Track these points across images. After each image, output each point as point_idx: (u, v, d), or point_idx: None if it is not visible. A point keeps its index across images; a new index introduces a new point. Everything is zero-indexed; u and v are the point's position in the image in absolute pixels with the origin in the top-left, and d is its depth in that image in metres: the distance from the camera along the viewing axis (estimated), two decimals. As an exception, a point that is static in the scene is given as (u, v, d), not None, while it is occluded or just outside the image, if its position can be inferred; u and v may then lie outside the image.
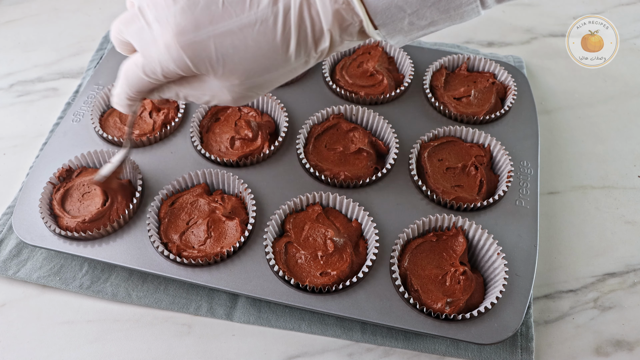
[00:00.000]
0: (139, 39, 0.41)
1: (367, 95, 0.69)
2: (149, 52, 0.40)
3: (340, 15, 0.38)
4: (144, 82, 0.43)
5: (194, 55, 0.39)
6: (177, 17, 0.38)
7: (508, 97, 0.70)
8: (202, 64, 0.40)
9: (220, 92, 0.42)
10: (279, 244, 0.56)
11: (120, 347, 0.54)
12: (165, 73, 0.41)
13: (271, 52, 0.40)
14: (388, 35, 0.40)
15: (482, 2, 0.37)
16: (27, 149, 0.69)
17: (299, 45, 0.39)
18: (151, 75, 0.42)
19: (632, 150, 0.72)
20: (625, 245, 0.63)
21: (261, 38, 0.39)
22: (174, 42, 0.39)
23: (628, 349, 0.56)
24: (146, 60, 0.41)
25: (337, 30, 0.39)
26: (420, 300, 0.53)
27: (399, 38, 0.40)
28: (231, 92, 0.42)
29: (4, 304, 0.57)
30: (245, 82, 0.41)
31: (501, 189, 0.61)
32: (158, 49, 0.40)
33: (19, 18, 0.87)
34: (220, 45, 0.39)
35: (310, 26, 0.39)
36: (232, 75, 0.41)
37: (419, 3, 0.37)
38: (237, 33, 0.39)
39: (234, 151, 0.64)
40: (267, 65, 0.40)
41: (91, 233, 0.56)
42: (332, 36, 0.39)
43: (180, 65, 0.40)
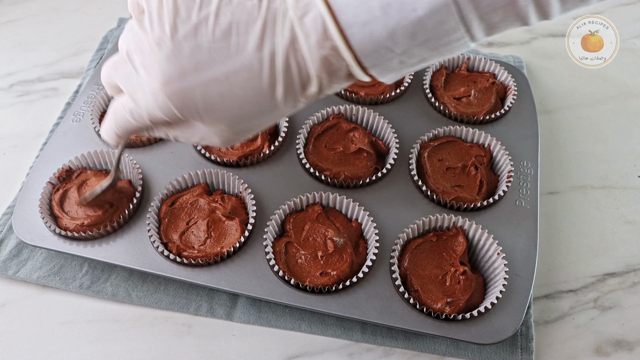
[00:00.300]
0: (126, 84, 0.41)
1: (367, 95, 0.69)
2: (137, 98, 0.41)
3: (327, 61, 0.37)
4: (131, 124, 0.43)
5: (180, 103, 0.39)
6: (162, 65, 0.38)
7: (508, 97, 0.70)
8: (188, 112, 0.40)
9: (209, 135, 0.42)
10: (279, 244, 0.56)
11: (120, 347, 0.54)
12: (152, 119, 0.41)
13: (258, 99, 0.39)
14: (379, 75, 0.39)
15: (472, 36, 0.37)
16: (27, 149, 0.69)
17: (287, 91, 0.39)
18: (139, 120, 0.42)
19: (632, 150, 0.72)
20: (625, 245, 0.63)
21: (247, 85, 0.38)
22: (160, 90, 0.38)
23: (628, 349, 0.56)
24: (134, 105, 0.41)
25: (325, 75, 0.38)
26: (420, 300, 0.53)
27: (391, 76, 0.40)
28: (219, 136, 0.42)
29: (4, 304, 0.57)
30: (232, 127, 0.41)
31: (501, 189, 0.61)
32: (145, 96, 0.40)
33: (19, 18, 0.87)
34: (206, 93, 0.39)
35: (297, 72, 0.38)
36: (219, 122, 0.41)
37: (408, 43, 0.36)
38: (223, 80, 0.38)
39: (234, 151, 0.64)
40: (254, 111, 0.40)
41: (91, 233, 0.56)
42: (320, 81, 0.39)
43: (167, 113, 0.40)
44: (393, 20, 0.35)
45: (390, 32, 0.35)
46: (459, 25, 0.35)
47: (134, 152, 0.64)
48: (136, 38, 0.39)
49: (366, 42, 0.36)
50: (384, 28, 0.35)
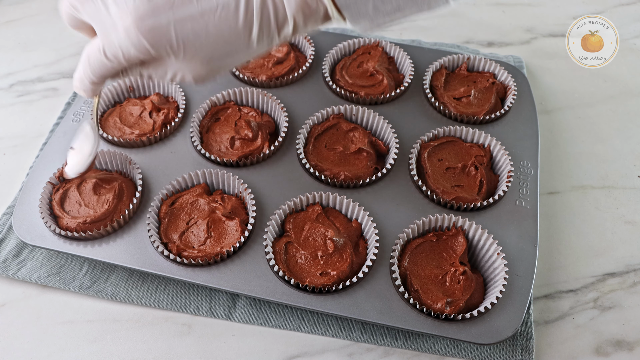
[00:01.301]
0: (97, 22, 0.40)
1: (367, 95, 0.69)
2: (109, 36, 0.40)
3: (305, 3, 0.38)
4: (106, 66, 0.42)
5: (154, 40, 0.38)
6: (136, 1, 0.37)
7: (508, 97, 0.70)
8: (162, 49, 0.39)
9: (182, 72, 0.42)
10: (279, 244, 0.56)
11: (120, 347, 0.54)
12: (126, 58, 0.40)
13: (233, 38, 0.39)
14: (353, 20, 0.39)
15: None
16: (27, 149, 0.69)
17: (262, 30, 0.39)
18: (113, 60, 0.41)
19: (632, 150, 0.72)
20: (625, 245, 0.63)
21: (222, 24, 0.38)
22: (134, 28, 0.38)
23: (628, 349, 0.56)
24: (107, 45, 0.40)
25: (301, 16, 0.39)
26: (420, 300, 0.53)
27: (364, 23, 0.39)
28: (192, 72, 0.42)
29: (4, 304, 0.57)
30: (206, 65, 0.41)
31: (501, 189, 0.61)
32: (118, 34, 0.39)
33: (19, 18, 0.87)
34: (180, 31, 0.38)
35: (274, 12, 0.38)
36: (192, 59, 0.40)
37: None
38: (198, 18, 0.38)
39: (234, 151, 0.64)
40: (228, 50, 0.40)
41: (91, 233, 0.56)
42: (295, 22, 0.39)
43: (141, 50, 0.39)
44: None
45: None
46: None
47: (134, 152, 0.64)
48: None
49: None
50: None
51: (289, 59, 0.72)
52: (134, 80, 0.69)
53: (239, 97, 0.69)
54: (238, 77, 0.71)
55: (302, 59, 0.74)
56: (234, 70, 0.71)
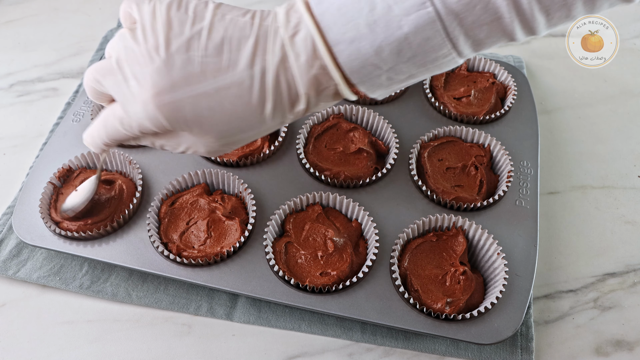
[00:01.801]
0: (117, 93, 0.41)
1: (367, 95, 0.69)
2: (127, 108, 0.41)
3: (317, 80, 0.38)
4: (121, 133, 0.43)
5: (170, 115, 0.39)
6: (153, 76, 0.38)
7: (508, 97, 0.70)
8: (177, 124, 0.40)
9: (195, 145, 0.43)
10: (279, 244, 0.56)
11: (120, 347, 0.54)
12: (141, 130, 0.41)
13: (247, 114, 0.39)
14: (368, 91, 0.40)
15: (459, 53, 0.37)
16: (27, 149, 0.69)
17: (275, 107, 0.39)
18: (128, 130, 0.42)
19: (632, 150, 0.72)
20: (625, 245, 0.63)
21: (237, 100, 0.39)
22: (151, 102, 0.38)
23: (628, 349, 0.56)
24: (124, 115, 0.41)
25: (313, 93, 0.39)
26: (420, 300, 0.53)
27: (380, 91, 0.40)
28: (206, 146, 0.42)
29: (4, 304, 0.57)
30: (220, 140, 0.42)
31: (501, 189, 0.61)
32: (135, 107, 0.40)
33: (19, 18, 0.87)
34: (196, 107, 0.39)
35: (287, 90, 0.39)
36: (207, 134, 0.41)
37: (394, 60, 0.37)
38: (214, 95, 0.38)
39: (234, 151, 0.64)
40: (242, 126, 0.40)
41: (91, 233, 0.56)
42: (308, 99, 0.39)
43: (156, 124, 0.40)
44: (379, 38, 0.36)
45: (377, 49, 0.36)
46: (445, 42, 0.36)
47: (134, 152, 0.64)
48: (127, 48, 0.39)
49: (353, 59, 0.37)
50: (370, 45, 0.36)
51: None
52: None
53: (239, 97, 0.69)
54: (238, 77, 0.71)
55: (302, 59, 0.74)
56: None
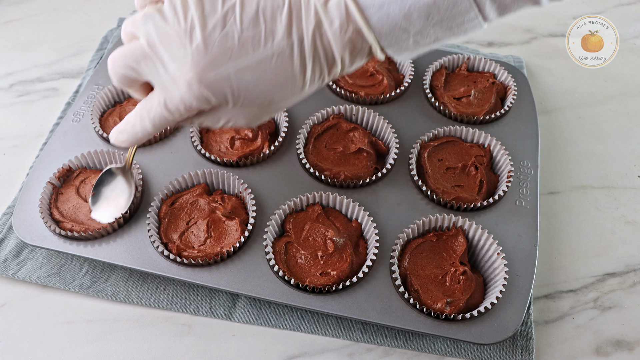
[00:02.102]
0: (156, 77, 0.41)
1: (367, 95, 0.69)
2: (170, 91, 0.41)
3: (351, 43, 0.39)
4: (167, 119, 0.43)
5: (216, 91, 0.40)
6: (194, 56, 0.38)
7: (508, 97, 0.70)
8: (223, 99, 0.41)
9: (236, 117, 0.43)
10: (279, 244, 0.56)
11: (120, 347, 0.54)
12: (188, 110, 0.42)
13: (289, 82, 0.41)
14: (395, 54, 0.41)
15: (484, 17, 0.38)
16: (27, 149, 0.69)
17: (314, 72, 0.41)
18: (175, 113, 0.42)
19: (632, 150, 0.72)
20: (625, 245, 0.63)
21: (279, 70, 0.40)
22: (196, 81, 0.39)
23: (628, 349, 0.56)
24: (169, 99, 0.41)
25: (348, 55, 0.40)
26: (420, 300, 0.53)
27: (406, 55, 0.41)
28: (247, 117, 0.43)
29: (4, 304, 0.57)
30: (262, 109, 0.43)
31: (501, 189, 0.61)
32: (179, 89, 0.40)
33: (19, 18, 0.87)
34: (241, 80, 0.40)
35: (324, 54, 0.40)
36: (251, 105, 0.42)
37: (422, 23, 0.38)
38: (256, 67, 0.39)
39: (234, 151, 0.64)
40: (284, 93, 0.42)
41: (91, 233, 0.56)
42: (343, 60, 0.41)
43: (203, 102, 0.41)
44: (408, 2, 0.37)
45: (406, 13, 0.37)
46: (472, 6, 0.37)
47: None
48: (159, 29, 0.39)
49: (382, 23, 0.38)
50: (399, 9, 0.37)
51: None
52: None
53: (239, 97, 0.69)
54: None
55: (302, 59, 0.74)
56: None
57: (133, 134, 0.46)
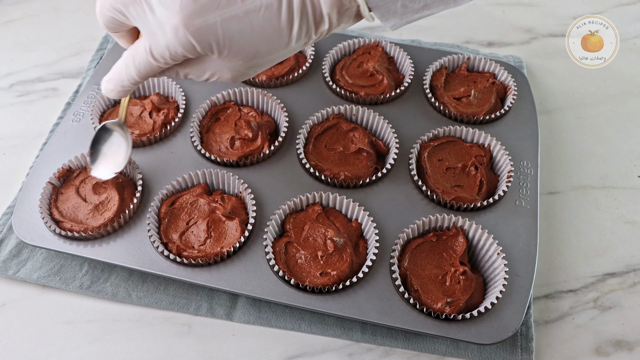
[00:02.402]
0: (142, 23, 0.41)
1: (367, 95, 0.69)
2: (156, 37, 0.41)
3: (340, 1, 0.40)
4: (152, 66, 0.43)
5: (201, 39, 0.40)
6: (183, 2, 0.39)
7: (508, 97, 0.70)
8: (208, 47, 0.41)
9: (221, 70, 0.44)
10: (279, 244, 0.56)
11: (120, 347, 0.54)
12: (173, 56, 0.42)
13: (275, 36, 0.41)
14: (382, 18, 0.41)
15: None
16: (27, 149, 0.69)
17: (301, 28, 0.41)
18: (160, 60, 0.42)
19: (632, 150, 0.72)
20: (625, 245, 0.63)
21: (266, 23, 0.40)
22: (182, 27, 0.39)
23: (628, 349, 0.56)
24: (154, 45, 0.41)
25: (336, 14, 0.41)
26: (420, 300, 0.53)
27: (394, 21, 0.41)
28: (232, 70, 0.44)
29: (4, 304, 0.57)
30: (248, 62, 0.43)
31: (501, 189, 0.61)
32: (165, 34, 0.40)
33: (19, 18, 0.87)
34: (227, 30, 0.40)
35: (312, 11, 0.40)
36: (236, 57, 0.42)
37: None
38: (243, 18, 0.40)
39: (234, 151, 0.64)
40: (270, 47, 0.42)
41: (91, 233, 0.56)
42: (330, 19, 0.41)
43: (188, 49, 0.41)
44: None
45: None
46: None
47: (134, 152, 0.64)
48: None
49: None
50: None
51: (289, 59, 0.72)
52: None
53: (239, 97, 0.69)
54: (238, 77, 0.71)
55: (302, 59, 0.74)
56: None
57: (119, 81, 0.46)
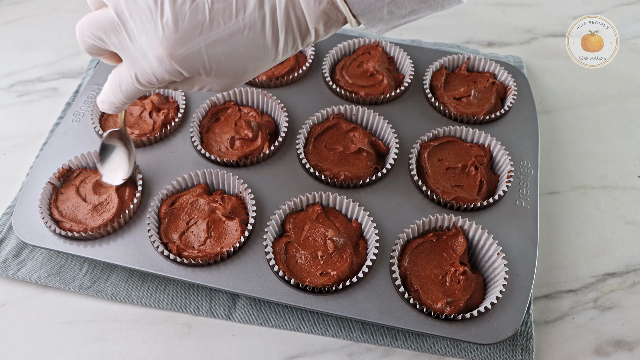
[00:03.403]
0: (124, 52, 0.41)
1: (367, 95, 0.69)
2: (140, 65, 0.41)
3: (326, 15, 0.39)
4: (139, 90, 0.44)
5: (187, 65, 0.40)
6: (165, 31, 0.38)
7: (508, 97, 0.70)
8: (195, 72, 0.41)
9: (210, 84, 0.44)
10: (279, 244, 0.56)
11: (120, 347, 0.54)
12: (160, 82, 0.42)
13: (261, 54, 0.40)
14: (369, 24, 0.40)
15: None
16: (27, 149, 0.69)
17: (287, 43, 0.40)
18: (147, 85, 0.42)
19: (632, 150, 0.72)
20: (625, 245, 0.63)
21: (251, 43, 0.39)
22: (166, 57, 0.39)
23: (628, 349, 0.56)
24: (139, 73, 0.41)
25: (322, 26, 0.40)
26: (420, 300, 0.53)
27: (381, 26, 0.40)
28: (220, 85, 0.44)
29: (4, 304, 0.57)
30: (236, 79, 0.43)
31: (501, 189, 0.61)
32: (150, 63, 0.40)
33: (19, 18, 0.87)
34: (212, 54, 0.39)
35: (297, 25, 0.39)
36: (224, 77, 0.42)
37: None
38: (228, 40, 0.39)
39: (234, 151, 0.64)
40: (257, 65, 0.41)
41: (91, 233, 0.56)
42: (317, 32, 0.40)
43: (175, 75, 0.41)
44: None
45: None
46: None
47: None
48: (128, 2, 0.39)
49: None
50: None
51: (289, 59, 0.72)
52: None
53: (239, 97, 0.69)
54: (238, 77, 0.71)
55: (302, 59, 0.74)
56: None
57: (111, 103, 0.46)
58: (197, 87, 0.44)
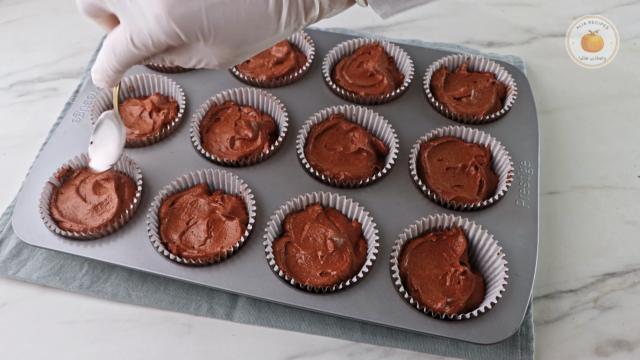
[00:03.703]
0: (122, 10, 0.40)
1: (367, 95, 0.69)
2: (137, 25, 0.39)
3: None
4: (134, 54, 0.42)
5: (185, 27, 0.38)
6: None
7: (508, 97, 0.70)
8: (193, 35, 0.39)
9: (208, 57, 0.42)
10: (279, 244, 0.56)
11: (120, 347, 0.54)
12: (156, 45, 0.40)
13: (263, 22, 0.39)
14: (374, 4, 0.40)
15: None
16: (27, 149, 0.69)
17: (290, 14, 0.40)
18: (142, 48, 0.41)
19: (632, 150, 0.72)
20: (625, 245, 0.63)
21: (253, 9, 0.39)
22: (165, 15, 0.38)
23: (628, 349, 0.56)
24: (135, 33, 0.40)
25: (327, 0, 0.39)
26: (420, 300, 0.53)
27: (386, 8, 0.40)
28: (219, 57, 0.42)
29: (4, 304, 0.57)
30: (235, 50, 0.41)
31: (501, 189, 0.61)
32: (147, 22, 0.39)
33: (19, 18, 0.87)
34: (212, 17, 0.38)
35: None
36: (222, 44, 0.40)
37: None
38: (229, 4, 0.38)
39: (234, 151, 0.64)
40: (258, 34, 0.40)
41: (91, 233, 0.56)
42: (321, 5, 0.39)
43: (172, 37, 0.39)
44: None
45: None
46: None
47: (134, 152, 0.64)
48: None
49: None
50: None
51: (289, 59, 0.72)
52: (133, 80, 0.69)
53: (239, 97, 0.69)
54: (238, 77, 0.71)
55: (302, 59, 0.74)
56: (234, 70, 0.71)
57: (104, 71, 0.45)
58: (194, 59, 0.43)
